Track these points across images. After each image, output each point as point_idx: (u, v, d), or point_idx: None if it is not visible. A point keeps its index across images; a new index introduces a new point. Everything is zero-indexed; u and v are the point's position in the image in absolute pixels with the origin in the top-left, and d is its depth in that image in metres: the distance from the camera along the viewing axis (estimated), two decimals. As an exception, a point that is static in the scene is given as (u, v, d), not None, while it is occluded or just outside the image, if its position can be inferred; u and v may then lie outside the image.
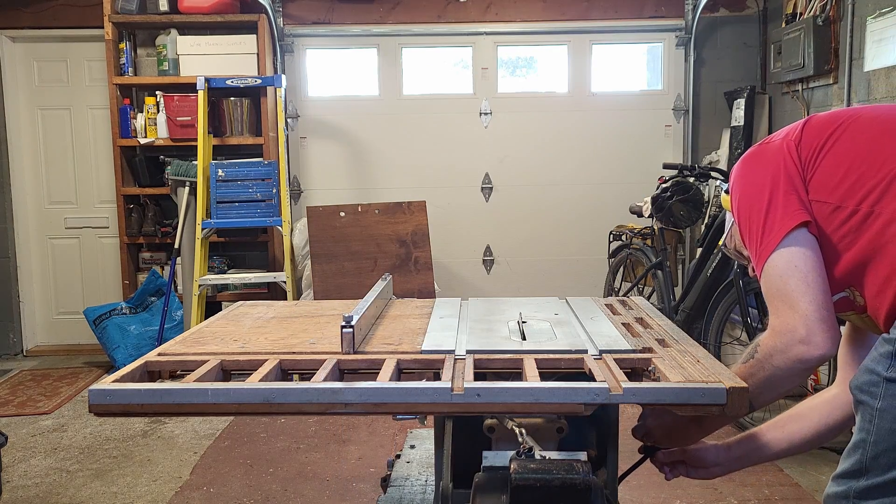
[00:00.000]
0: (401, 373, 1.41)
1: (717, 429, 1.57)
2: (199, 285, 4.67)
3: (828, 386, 1.63)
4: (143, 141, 5.03)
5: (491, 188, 5.49)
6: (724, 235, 1.66)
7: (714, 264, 3.71)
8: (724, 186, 1.65)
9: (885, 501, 1.25)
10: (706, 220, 4.42)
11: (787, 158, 1.42)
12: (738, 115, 5.12)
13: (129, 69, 5.07)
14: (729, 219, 1.59)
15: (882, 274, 1.31)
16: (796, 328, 1.32)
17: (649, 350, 1.47)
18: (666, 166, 4.12)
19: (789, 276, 1.35)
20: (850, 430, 1.36)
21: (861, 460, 1.27)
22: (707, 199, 4.36)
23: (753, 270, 1.46)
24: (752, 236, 1.43)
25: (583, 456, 1.30)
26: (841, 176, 1.36)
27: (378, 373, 1.34)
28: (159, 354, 1.49)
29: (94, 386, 1.26)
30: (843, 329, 1.57)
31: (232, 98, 5.07)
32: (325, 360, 1.40)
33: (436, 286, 4.78)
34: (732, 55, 5.36)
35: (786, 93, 4.84)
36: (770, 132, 4.43)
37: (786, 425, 1.59)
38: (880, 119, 1.40)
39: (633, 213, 4.45)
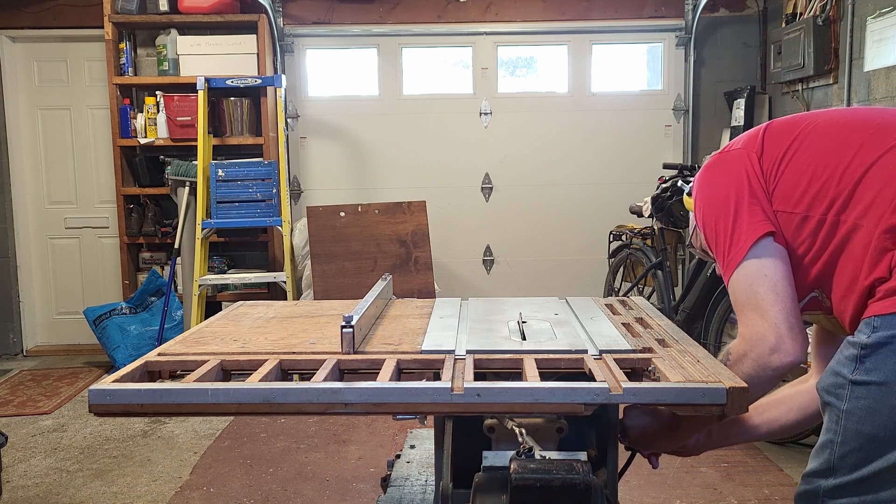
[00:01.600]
0: (401, 373, 1.41)
1: (693, 435, 1.59)
2: (199, 285, 4.67)
3: None
4: (143, 141, 5.03)
5: (491, 188, 5.49)
6: (689, 236, 1.69)
7: (714, 264, 3.71)
8: (686, 189, 1.68)
9: (853, 500, 1.28)
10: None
11: (749, 169, 1.44)
12: (738, 115, 5.12)
13: (129, 69, 5.07)
14: (692, 220, 1.62)
15: (846, 279, 1.34)
16: (766, 336, 1.35)
17: (649, 350, 1.47)
18: (666, 166, 4.12)
19: (759, 284, 1.38)
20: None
21: (829, 460, 1.30)
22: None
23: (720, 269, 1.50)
24: (720, 247, 1.46)
25: (583, 456, 1.30)
26: (805, 186, 1.38)
27: (378, 373, 1.34)
28: (159, 354, 1.49)
29: (94, 386, 1.26)
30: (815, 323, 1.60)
31: (232, 98, 5.07)
32: (325, 360, 1.40)
33: (436, 286, 4.78)
34: (732, 55, 5.36)
35: (786, 93, 4.84)
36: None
37: (765, 411, 1.63)
38: (839, 125, 1.42)
39: (633, 213, 4.45)
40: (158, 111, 5.01)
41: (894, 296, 1.25)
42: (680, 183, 3.85)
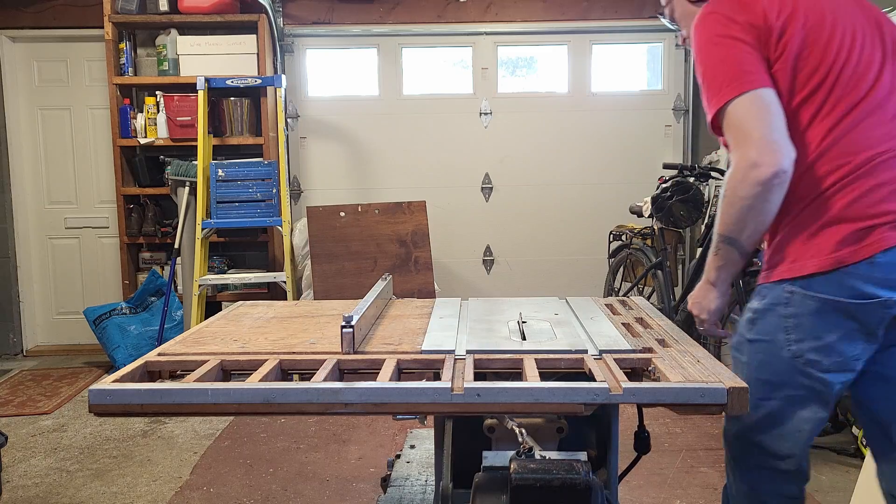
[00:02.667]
0: (401, 373, 1.41)
1: None
2: (199, 285, 4.67)
3: None
4: (143, 141, 5.03)
5: (491, 188, 5.49)
6: (666, 5, 1.78)
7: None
8: None
9: (755, 437, 1.57)
10: (706, 220, 4.42)
11: (762, 29, 1.48)
12: (738, 115, 5.11)
13: (129, 69, 5.07)
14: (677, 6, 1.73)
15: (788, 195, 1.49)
16: (748, 156, 1.42)
17: (649, 350, 1.47)
18: (666, 166, 4.12)
19: (747, 109, 1.44)
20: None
21: None
22: (707, 199, 4.36)
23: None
24: (715, 83, 1.49)
25: (583, 456, 1.30)
26: (806, 77, 1.47)
27: (378, 373, 1.34)
28: (159, 354, 1.49)
29: (94, 386, 1.26)
30: None
31: (232, 98, 5.07)
32: (325, 360, 1.40)
33: (436, 286, 4.78)
34: (732, 55, 5.35)
35: (786, 93, 4.83)
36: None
37: None
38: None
39: (633, 213, 4.45)
40: (158, 111, 5.01)
41: (776, 268, 1.51)
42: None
